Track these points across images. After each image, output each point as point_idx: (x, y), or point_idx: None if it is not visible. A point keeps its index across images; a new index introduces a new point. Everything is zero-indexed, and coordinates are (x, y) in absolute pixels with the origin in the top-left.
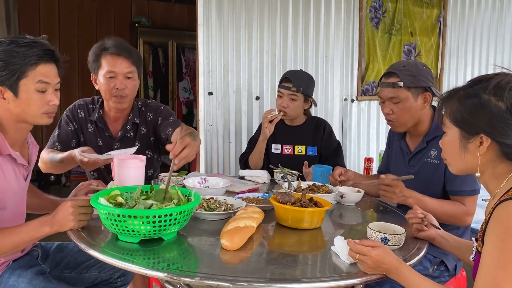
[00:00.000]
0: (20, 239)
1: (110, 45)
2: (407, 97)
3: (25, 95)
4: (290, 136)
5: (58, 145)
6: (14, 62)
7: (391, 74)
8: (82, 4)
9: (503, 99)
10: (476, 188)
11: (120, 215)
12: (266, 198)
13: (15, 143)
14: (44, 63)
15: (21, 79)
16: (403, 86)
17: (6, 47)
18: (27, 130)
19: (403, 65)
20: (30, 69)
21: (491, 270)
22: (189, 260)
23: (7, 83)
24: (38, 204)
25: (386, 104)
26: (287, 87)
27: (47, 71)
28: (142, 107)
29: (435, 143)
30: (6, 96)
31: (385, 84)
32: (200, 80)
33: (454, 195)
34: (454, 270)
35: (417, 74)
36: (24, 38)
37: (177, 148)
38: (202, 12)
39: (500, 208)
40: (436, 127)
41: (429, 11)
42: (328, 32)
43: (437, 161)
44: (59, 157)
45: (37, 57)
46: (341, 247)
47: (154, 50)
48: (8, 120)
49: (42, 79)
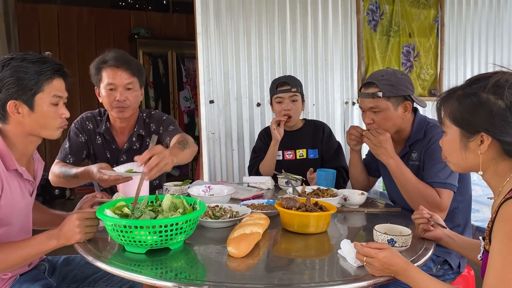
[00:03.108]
0: (27, 253)
1: (110, 57)
2: (387, 106)
3: (40, 109)
4: (290, 141)
5: (71, 158)
6: (30, 77)
7: (370, 84)
8: (81, 17)
9: (502, 97)
10: (448, 182)
11: (127, 226)
12: (271, 204)
13: (21, 158)
14: (58, 77)
15: (38, 94)
16: (382, 96)
17: (19, 63)
18: (36, 145)
19: (382, 75)
20: (46, 83)
21: (500, 269)
22: (196, 269)
23: (23, 97)
24: (44, 219)
25: (366, 114)
26: (286, 90)
27: (60, 85)
28: (146, 118)
29: (415, 146)
30: (21, 110)
31: (365, 95)
32: (200, 88)
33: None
34: (458, 268)
35: (396, 83)
36: (33, 54)
37: (144, 155)
38: (200, 21)
39: (506, 206)
40: (417, 131)
41: (426, 12)
42: (327, 36)
43: (418, 163)
44: (74, 172)
45: (52, 71)
46: (348, 250)
47: (154, 61)
48: (19, 135)
49: (57, 93)
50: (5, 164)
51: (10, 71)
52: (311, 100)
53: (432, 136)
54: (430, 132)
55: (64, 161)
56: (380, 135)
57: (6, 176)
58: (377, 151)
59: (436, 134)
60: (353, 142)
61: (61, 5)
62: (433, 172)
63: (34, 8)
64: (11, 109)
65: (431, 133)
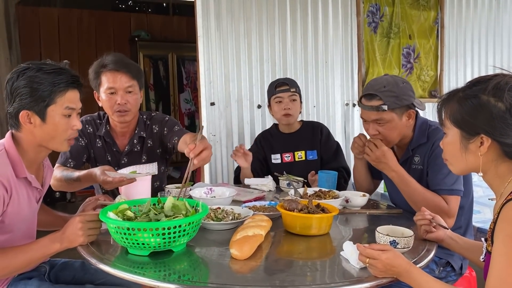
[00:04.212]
0: (31, 257)
1: (109, 61)
2: (392, 118)
3: (52, 121)
4: (288, 144)
5: (71, 162)
6: (44, 89)
7: (373, 96)
8: (81, 20)
9: (503, 99)
10: (455, 188)
11: (130, 228)
12: (273, 206)
13: (32, 165)
14: (72, 89)
15: (50, 105)
16: (387, 109)
17: (34, 73)
18: (46, 154)
19: (384, 85)
20: (59, 95)
21: (502, 270)
22: (199, 271)
23: (36, 108)
24: (47, 221)
25: (370, 125)
26: (285, 89)
27: (74, 97)
28: (147, 120)
29: (418, 149)
30: (33, 120)
31: (368, 107)
32: (201, 91)
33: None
34: (460, 269)
35: (399, 93)
36: (50, 64)
37: (198, 148)
38: (201, 23)
39: (507, 207)
40: (419, 135)
41: (426, 13)
42: (327, 39)
43: (421, 167)
44: (76, 175)
45: (66, 84)
46: (351, 252)
47: (155, 63)
48: (30, 144)
49: (69, 106)
50: (15, 172)
51: (25, 81)
52: (312, 101)
53: (436, 140)
54: (433, 136)
55: (64, 165)
56: (377, 151)
57: (15, 184)
58: (378, 166)
59: (439, 138)
60: (356, 150)
61: (62, 8)
62: (439, 179)
63: (34, 11)
64: (23, 119)
65: (434, 137)
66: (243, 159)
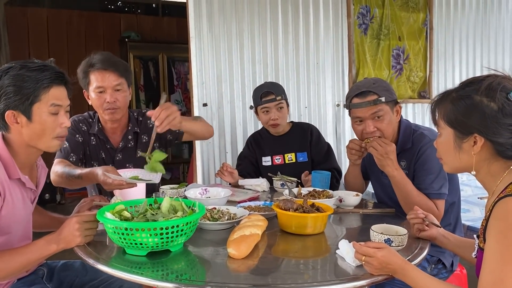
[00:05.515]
0: (27, 259)
1: (96, 60)
2: (388, 111)
3: (38, 119)
4: (278, 146)
5: (73, 155)
6: (27, 86)
7: (367, 92)
8: (71, 21)
9: (495, 99)
10: (442, 192)
11: (128, 228)
12: (268, 206)
13: (25, 166)
14: (56, 86)
15: (35, 103)
16: (384, 101)
17: (17, 71)
18: (38, 154)
19: (372, 83)
20: (43, 92)
21: (496, 266)
22: (197, 270)
23: (21, 107)
24: (42, 222)
25: (368, 123)
26: (271, 99)
27: (59, 94)
28: (138, 116)
29: (403, 154)
30: (19, 120)
31: (365, 103)
32: (194, 92)
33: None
34: (451, 267)
35: (389, 88)
36: (34, 62)
37: (155, 110)
38: (193, 25)
39: (500, 205)
40: (404, 139)
41: (416, 15)
42: (318, 40)
43: (407, 171)
44: (78, 173)
45: (49, 80)
46: (347, 250)
47: (145, 64)
48: (20, 144)
49: (55, 102)
50: (8, 173)
51: (8, 80)
52: (303, 102)
53: (422, 145)
54: (418, 141)
55: (66, 159)
56: (388, 146)
57: (8, 185)
58: (383, 162)
59: (425, 144)
60: (354, 156)
61: (51, 9)
62: (427, 184)
63: (23, 12)
64: (10, 120)
65: (420, 142)
66: (230, 177)
